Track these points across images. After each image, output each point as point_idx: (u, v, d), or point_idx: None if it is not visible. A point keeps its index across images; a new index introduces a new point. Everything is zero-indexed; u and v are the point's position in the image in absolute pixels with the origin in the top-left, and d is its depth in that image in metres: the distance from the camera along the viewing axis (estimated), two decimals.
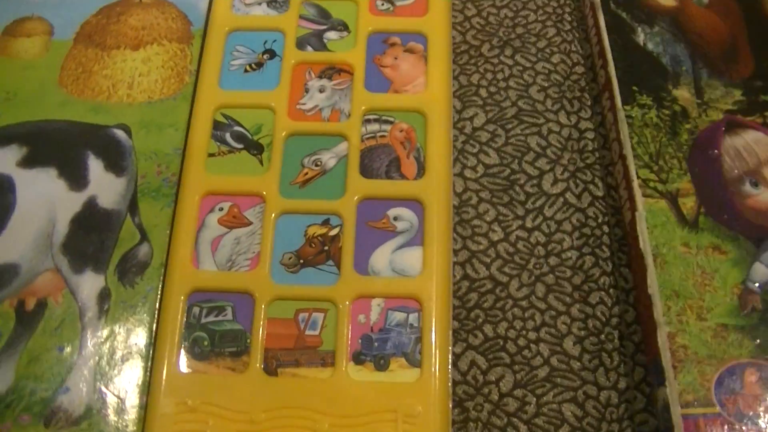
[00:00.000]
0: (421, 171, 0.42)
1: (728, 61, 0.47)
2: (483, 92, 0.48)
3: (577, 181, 0.46)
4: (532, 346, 0.42)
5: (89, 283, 0.41)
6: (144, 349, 0.39)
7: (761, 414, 0.37)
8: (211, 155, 0.43)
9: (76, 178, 0.43)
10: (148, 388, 0.38)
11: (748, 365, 0.38)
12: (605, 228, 0.45)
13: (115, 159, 0.43)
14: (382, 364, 0.38)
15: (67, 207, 0.42)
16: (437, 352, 0.38)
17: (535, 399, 0.40)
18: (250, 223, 0.41)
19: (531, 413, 0.40)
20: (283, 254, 0.40)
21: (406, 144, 0.42)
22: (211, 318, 0.39)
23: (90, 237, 0.41)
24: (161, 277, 0.40)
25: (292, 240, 0.40)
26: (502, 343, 0.42)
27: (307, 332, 0.39)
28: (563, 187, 0.46)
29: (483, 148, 0.46)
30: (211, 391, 0.37)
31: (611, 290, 0.43)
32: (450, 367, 0.39)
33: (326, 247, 0.40)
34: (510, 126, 0.47)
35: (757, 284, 0.40)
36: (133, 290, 0.40)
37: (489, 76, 0.48)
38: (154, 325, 0.40)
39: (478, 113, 0.47)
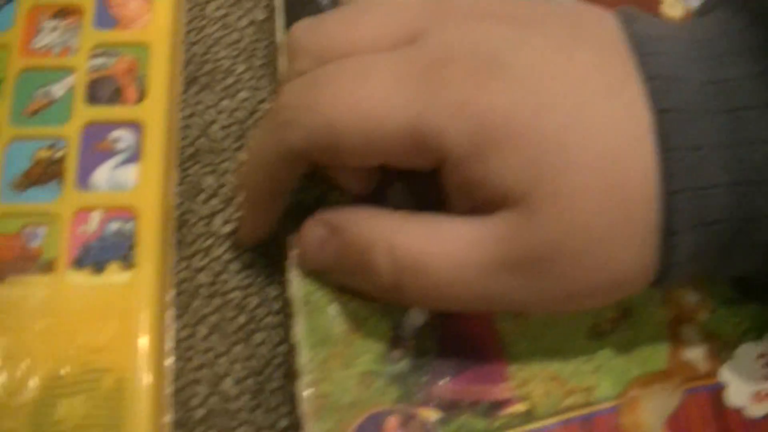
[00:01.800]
0: (141, 96, 0.45)
1: None
2: None
3: None
4: (189, 387, 0.42)
5: None
6: None
7: None
8: None
9: None
10: None
11: (390, 413, 0.37)
12: (276, 267, 0.43)
13: None
14: (99, 268, 0.41)
15: None
16: (150, 255, 0.42)
17: None
18: None
19: None
20: (12, 176, 0.43)
21: (129, 74, 0.46)
22: None
23: None
24: None
25: (20, 163, 0.43)
26: None
27: (30, 244, 0.42)
28: (234, 226, 0.45)
29: None
30: None
31: (278, 329, 0.43)
32: (164, 270, 0.42)
33: (51, 168, 0.43)
34: (187, 165, 0.48)
35: (408, 330, 0.39)
36: None
37: None
38: None
39: None
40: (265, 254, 0.45)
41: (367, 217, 0.38)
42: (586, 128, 0.35)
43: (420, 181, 0.40)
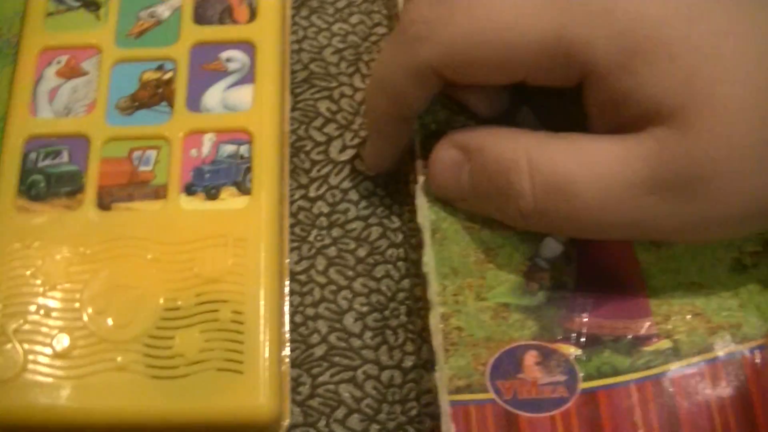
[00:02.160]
0: (253, 16, 0.42)
1: None
2: None
3: None
4: (310, 322, 0.40)
5: None
6: None
7: (539, 400, 0.35)
8: (49, 14, 0.43)
9: None
10: None
11: (528, 348, 0.35)
12: (396, 197, 0.42)
13: None
14: (213, 194, 0.38)
15: None
16: (266, 179, 0.39)
17: (310, 379, 0.39)
18: (87, 73, 0.41)
19: (305, 394, 0.38)
20: (118, 99, 0.41)
21: None
22: (47, 162, 0.40)
23: None
24: (2, 131, 0.41)
25: (127, 86, 0.41)
26: None
27: (141, 168, 0.39)
28: (352, 153, 0.43)
29: None
30: (46, 230, 0.38)
31: (399, 263, 0.40)
32: (281, 194, 0.39)
33: (160, 90, 0.41)
34: (299, 90, 0.45)
35: (545, 260, 0.37)
36: None
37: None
38: None
39: None
40: (387, 181, 0.43)
41: (505, 138, 0.36)
42: (742, 36, 0.32)
43: (549, 103, 0.38)
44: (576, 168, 0.34)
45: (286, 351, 0.39)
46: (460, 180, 0.37)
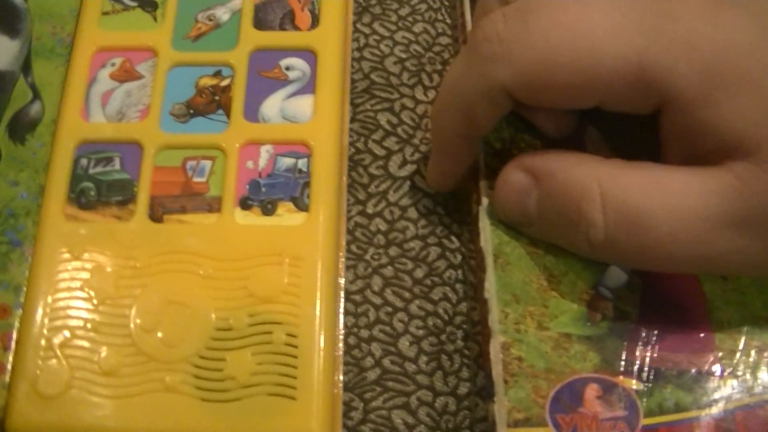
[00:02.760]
0: (315, 22, 0.41)
1: None
2: None
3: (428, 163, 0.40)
4: (364, 345, 0.38)
5: None
6: (32, 203, 0.38)
7: None
8: (105, 13, 0.41)
9: None
10: (35, 239, 0.37)
11: (589, 380, 0.34)
12: (456, 216, 0.40)
13: (9, 22, 0.42)
14: (269, 209, 0.37)
15: None
16: (325, 196, 0.37)
17: (362, 404, 0.37)
18: (142, 77, 0.40)
19: (357, 419, 0.37)
20: (173, 105, 0.39)
21: None
22: (98, 168, 0.38)
23: None
24: (53, 133, 0.39)
25: (182, 91, 0.40)
26: None
27: (195, 179, 0.38)
28: (412, 169, 0.42)
29: None
30: (96, 240, 0.37)
31: (458, 285, 0.39)
32: (340, 211, 0.38)
33: (217, 97, 0.39)
34: (359, 101, 0.43)
35: (609, 289, 0.36)
36: (24, 147, 0.40)
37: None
38: (44, 179, 0.38)
39: None
40: (447, 199, 0.41)
41: (576, 164, 0.34)
42: None
43: (617, 126, 0.37)
44: (650, 200, 0.32)
45: (339, 374, 0.36)
46: (527, 205, 0.35)
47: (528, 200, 0.35)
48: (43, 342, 0.35)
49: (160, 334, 0.35)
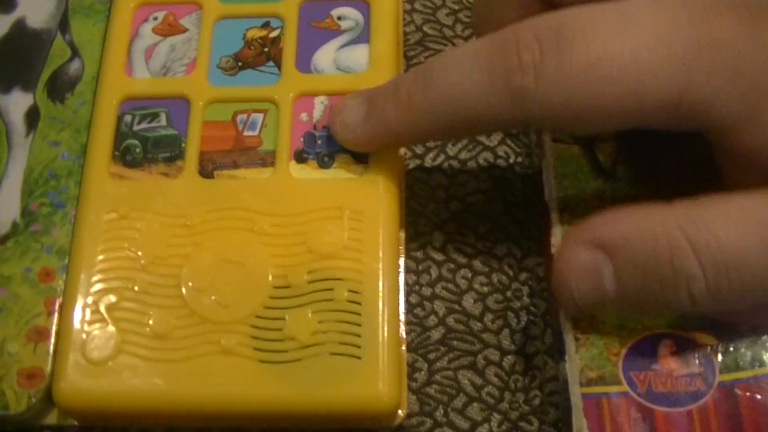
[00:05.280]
0: None
1: None
2: None
3: None
4: (426, 303, 0.36)
5: (17, 102, 0.38)
6: (74, 163, 0.36)
7: (675, 393, 0.32)
8: None
9: (3, 1, 0.40)
10: (77, 200, 0.35)
11: (663, 337, 0.33)
12: (518, 169, 0.39)
13: None
14: (326, 162, 0.35)
15: None
16: None
17: (426, 365, 0.36)
18: (186, 30, 0.38)
19: (421, 381, 0.35)
20: (220, 58, 0.37)
21: None
22: (144, 125, 0.36)
23: (18, 57, 0.39)
24: (94, 91, 0.37)
25: (230, 44, 0.38)
26: None
27: (246, 133, 0.36)
28: None
29: None
30: (143, 198, 0.35)
31: (522, 240, 0.37)
32: (399, 165, 0.35)
33: (266, 49, 0.37)
34: (412, 53, 0.41)
35: None
36: (63, 106, 0.38)
37: None
38: (86, 139, 0.36)
39: None
40: (509, 152, 0.40)
41: (645, 218, 0.31)
42: None
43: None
44: (742, 237, 0.29)
45: (403, 333, 0.34)
46: (602, 285, 0.31)
47: (602, 279, 0.31)
48: (90, 306, 0.33)
49: (213, 296, 0.33)
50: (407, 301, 0.36)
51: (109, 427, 0.35)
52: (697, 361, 0.33)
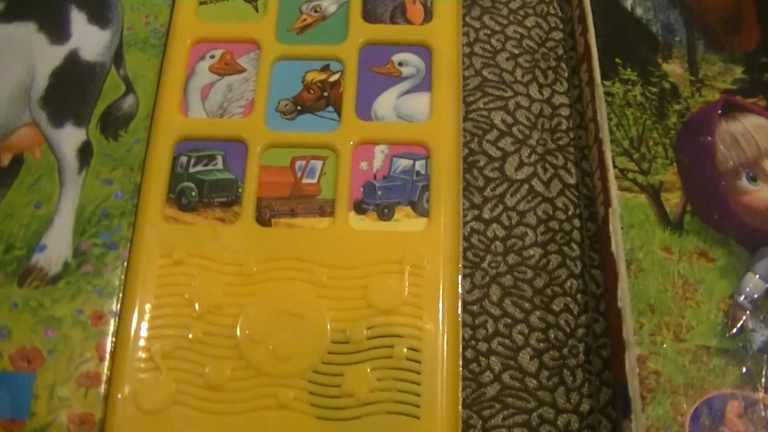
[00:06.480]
0: (428, 16, 0.38)
1: (730, 31, 0.40)
2: None
3: (546, 165, 0.39)
4: (482, 359, 0.36)
5: (69, 137, 0.37)
6: (127, 203, 0.36)
7: None
8: (202, 3, 0.39)
9: (58, 31, 0.39)
10: (130, 242, 0.34)
11: (730, 397, 0.32)
12: (576, 222, 0.38)
13: (100, 11, 0.39)
14: (386, 213, 0.34)
15: (47, 60, 0.39)
16: (445, 199, 0.35)
17: (480, 422, 0.35)
18: (244, 70, 0.37)
19: None
20: (278, 101, 0.37)
21: None
22: (199, 167, 0.36)
23: (71, 90, 0.38)
24: (148, 129, 0.36)
25: (288, 86, 0.37)
26: None
27: (305, 180, 0.35)
28: (529, 171, 0.39)
29: None
30: (198, 243, 0.34)
31: (579, 296, 0.37)
32: (460, 216, 0.35)
33: (326, 93, 0.36)
34: (471, 99, 0.41)
35: (747, 299, 0.34)
36: (117, 143, 0.37)
37: None
38: (139, 178, 0.36)
39: None
40: (568, 204, 0.39)
41: None
42: None
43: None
44: None
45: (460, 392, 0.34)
46: None
47: None
48: (142, 353, 0.33)
49: (270, 347, 0.32)
50: (463, 356, 0.35)
51: None
52: (765, 423, 0.32)
